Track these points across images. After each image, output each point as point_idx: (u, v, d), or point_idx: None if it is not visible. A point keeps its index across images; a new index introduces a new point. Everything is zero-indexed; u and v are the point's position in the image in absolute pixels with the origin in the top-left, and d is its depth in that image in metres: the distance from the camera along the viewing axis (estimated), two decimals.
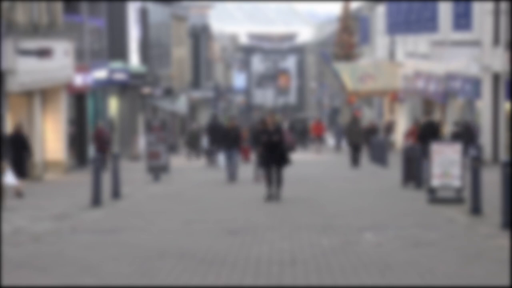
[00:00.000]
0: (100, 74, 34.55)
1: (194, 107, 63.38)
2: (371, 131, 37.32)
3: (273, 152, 18.06)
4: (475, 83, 28.14)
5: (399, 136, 38.80)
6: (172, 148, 40.86)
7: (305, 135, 50.03)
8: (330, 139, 55.21)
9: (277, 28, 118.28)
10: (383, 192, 20.08)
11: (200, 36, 65.67)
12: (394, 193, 19.65)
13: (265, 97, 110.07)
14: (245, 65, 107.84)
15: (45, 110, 27.46)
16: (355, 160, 29.96)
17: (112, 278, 9.57)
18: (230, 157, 23.76)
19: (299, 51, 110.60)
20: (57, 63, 26.40)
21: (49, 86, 26.98)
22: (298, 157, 35.97)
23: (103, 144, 30.03)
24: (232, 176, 23.69)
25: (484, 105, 27.68)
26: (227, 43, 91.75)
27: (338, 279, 9.37)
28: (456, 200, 16.60)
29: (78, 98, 32.04)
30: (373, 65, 42.44)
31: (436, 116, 33.91)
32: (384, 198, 18.51)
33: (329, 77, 71.43)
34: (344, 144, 47.38)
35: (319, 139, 45.43)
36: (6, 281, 9.40)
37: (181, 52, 56.98)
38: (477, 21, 27.40)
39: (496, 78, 27.05)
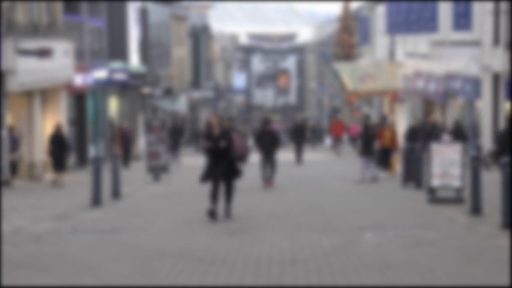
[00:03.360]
0: (100, 74, 34.55)
1: (194, 107, 63.39)
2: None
3: (219, 161, 14.85)
4: (475, 83, 28.12)
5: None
6: None
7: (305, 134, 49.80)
8: (327, 139, 55.38)
9: (277, 28, 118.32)
10: (383, 192, 20.09)
11: (200, 36, 65.68)
12: (394, 193, 19.66)
13: (265, 97, 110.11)
14: (245, 65, 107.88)
15: (45, 110, 27.46)
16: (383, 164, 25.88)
17: (112, 278, 9.56)
18: None
19: (299, 51, 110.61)
20: (57, 63, 26.39)
21: (49, 86, 26.98)
22: (307, 157, 35.96)
23: (127, 143, 31.74)
24: None
25: (484, 105, 27.66)
26: (227, 43, 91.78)
27: (338, 279, 9.37)
28: (456, 200, 16.60)
29: (78, 98, 32.05)
30: (373, 65, 42.40)
31: (437, 116, 33.89)
32: (384, 198, 18.52)
33: (329, 77, 71.43)
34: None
35: (339, 139, 43.58)
36: (6, 281, 9.39)
37: (181, 52, 56.98)
38: (477, 21, 27.38)
39: (496, 78, 27.03)
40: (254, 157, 21.72)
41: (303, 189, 21.28)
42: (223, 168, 14.83)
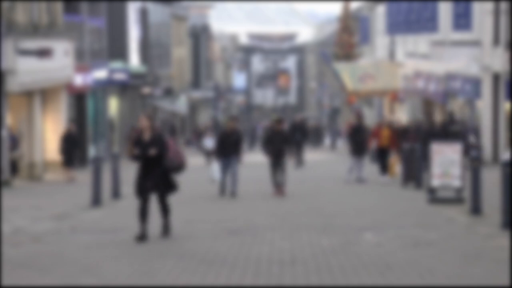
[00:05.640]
0: (100, 74, 34.55)
1: (194, 107, 63.40)
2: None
3: (150, 172, 12.47)
4: (475, 83, 28.13)
5: None
6: None
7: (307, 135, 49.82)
8: (326, 139, 55.76)
9: (277, 28, 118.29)
10: (383, 192, 20.09)
11: (200, 36, 65.69)
12: (394, 193, 19.65)
13: (265, 97, 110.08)
14: (245, 65, 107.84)
15: (45, 110, 27.46)
16: (382, 166, 23.81)
17: (112, 278, 9.57)
18: (228, 166, 19.47)
19: (299, 51, 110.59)
20: (57, 63, 26.39)
21: (49, 86, 26.97)
22: (308, 157, 35.97)
23: None
24: (231, 190, 19.43)
25: (484, 105, 27.67)
26: (227, 43, 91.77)
27: (338, 279, 9.37)
28: (456, 200, 16.61)
29: (78, 98, 32.05)
30: (373, 65, 42.42)
31: (437, 116, 33.88)
32: (384, 198, 18.51)
33: (329, 77, 71.40)
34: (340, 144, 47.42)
35: None
36: (6, 281, 9.39)
37: (181, 52, 56.98)
38: (477, 21, 27.39)
39: (496, 78, 27.03)
40: (260, 158, 21.41)
41: (303, 189, 21.25)
42: (153, 180, 12.48)
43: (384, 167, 23.39)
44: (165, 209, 12.76)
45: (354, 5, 60.88)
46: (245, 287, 9.12)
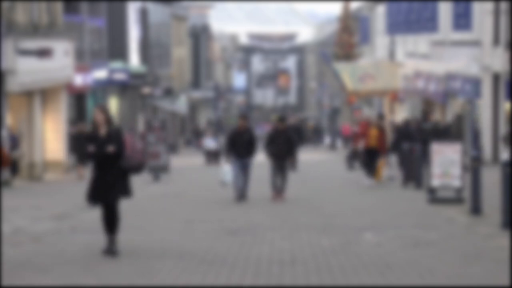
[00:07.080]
0: (100, 74, 34.56)
1: (194, 107, 63.40)
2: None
3: (106, 173, 11.10)
4: (475, 83, 28.12)
5: None
6: (172, 148, 40.90)
7: (302, 135, 49.86)
8: (326, 139, 55.94)
9: (277, 28, 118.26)
10: (383, 192, 20.08)
11: (200, 36, 65.69)
12: (394, 193, 19.65)
13: (265, 97, 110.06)
14: (245, 65, 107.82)
15: (45, 110, 27.45)
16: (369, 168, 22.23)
17: (112, 278, 9.56)
18: (241, 168, 18.19)
19: (299, 51, 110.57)
20: (57, 63, 26.39)
21: (49, 86, 26.97)
22: (309, 157, 35.93)
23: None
24: (241, 193, 18.20)
25: (484, 105, 27.67)
26: (227, 43, 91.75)
27: (338, 279, 9.37)
28: (456, 200, 16.61)
29: (78, 98, 32.06)
30: (373, 65, 42.39)
31: (436, 116, 33.88)
32: (384, 198, 18.51)
33: (329, 77, 71.37)
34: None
35: None
36: (6, 281, 9.39)
37: (181, 52, 56.98)
38: (477, 21, 27.38)
39: (496, 78, 27.03)
40: (260, 158, 21.22)
41: (302, 190, 21.26)
42: (109, 182, 11.08)
43: (371, 169, 21.79)
44: (115, 218, 11.08)
45: (354, 5, 60.88)
46: (245, 287, 9.12)
